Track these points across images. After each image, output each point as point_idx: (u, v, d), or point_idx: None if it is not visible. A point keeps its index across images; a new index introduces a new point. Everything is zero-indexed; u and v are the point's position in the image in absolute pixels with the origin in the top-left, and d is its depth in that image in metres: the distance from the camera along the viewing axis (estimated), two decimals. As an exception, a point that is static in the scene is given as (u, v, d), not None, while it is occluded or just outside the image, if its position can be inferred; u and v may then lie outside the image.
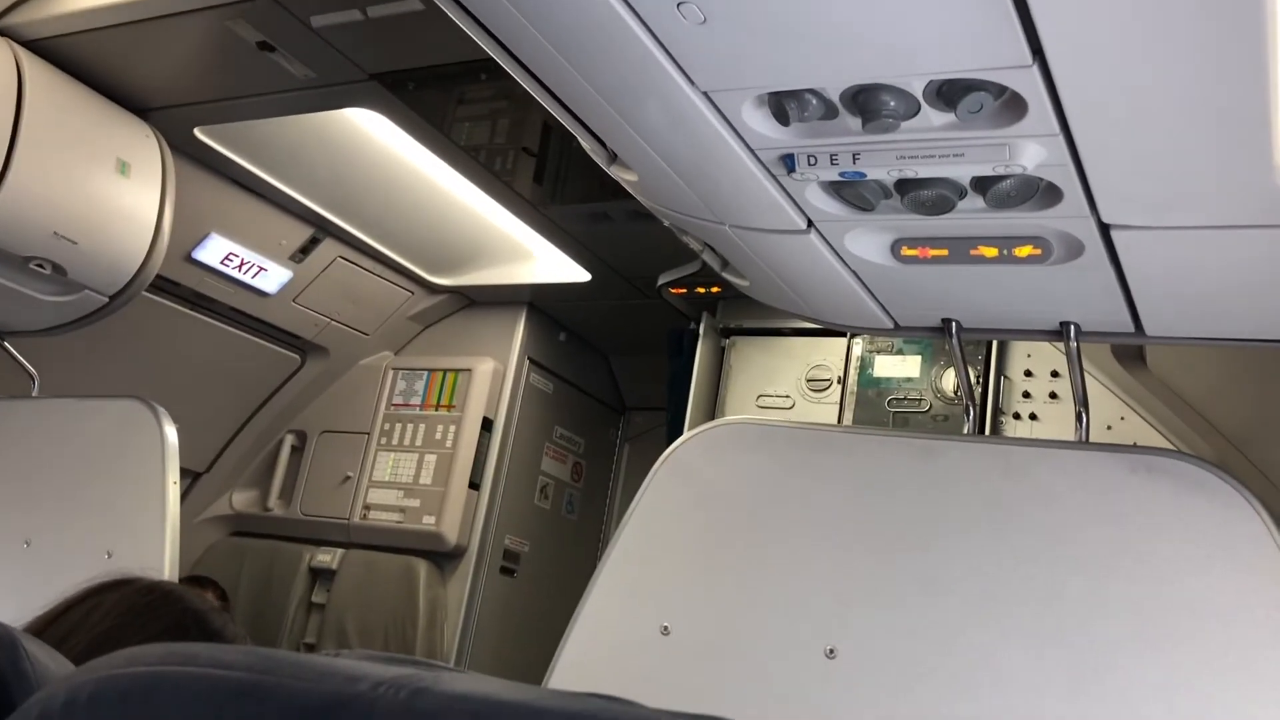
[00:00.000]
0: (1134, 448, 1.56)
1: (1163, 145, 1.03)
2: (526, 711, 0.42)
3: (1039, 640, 1.46)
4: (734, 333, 3.44)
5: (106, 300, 2.64)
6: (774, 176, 1.25)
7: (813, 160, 1.18)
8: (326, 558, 3.73)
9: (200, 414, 3.59)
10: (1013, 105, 1.02)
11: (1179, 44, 0.87)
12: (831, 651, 1.58)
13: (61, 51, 2.52)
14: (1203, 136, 1.00)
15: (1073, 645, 1.44)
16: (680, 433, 1.84)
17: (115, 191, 2.56)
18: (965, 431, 1.85)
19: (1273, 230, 1.15)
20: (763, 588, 1.68)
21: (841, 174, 1.19)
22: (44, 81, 2.48)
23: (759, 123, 1.13)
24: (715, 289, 3.38)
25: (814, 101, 1.08)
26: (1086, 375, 1.65)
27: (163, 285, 3.16)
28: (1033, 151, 1.09)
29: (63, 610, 1.12)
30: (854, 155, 1.16)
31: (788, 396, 3.27)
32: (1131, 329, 1.52)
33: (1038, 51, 0.92)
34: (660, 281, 3.35)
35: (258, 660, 0.50)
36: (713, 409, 3.34)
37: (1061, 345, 1.62)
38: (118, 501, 2.25)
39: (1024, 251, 1.33)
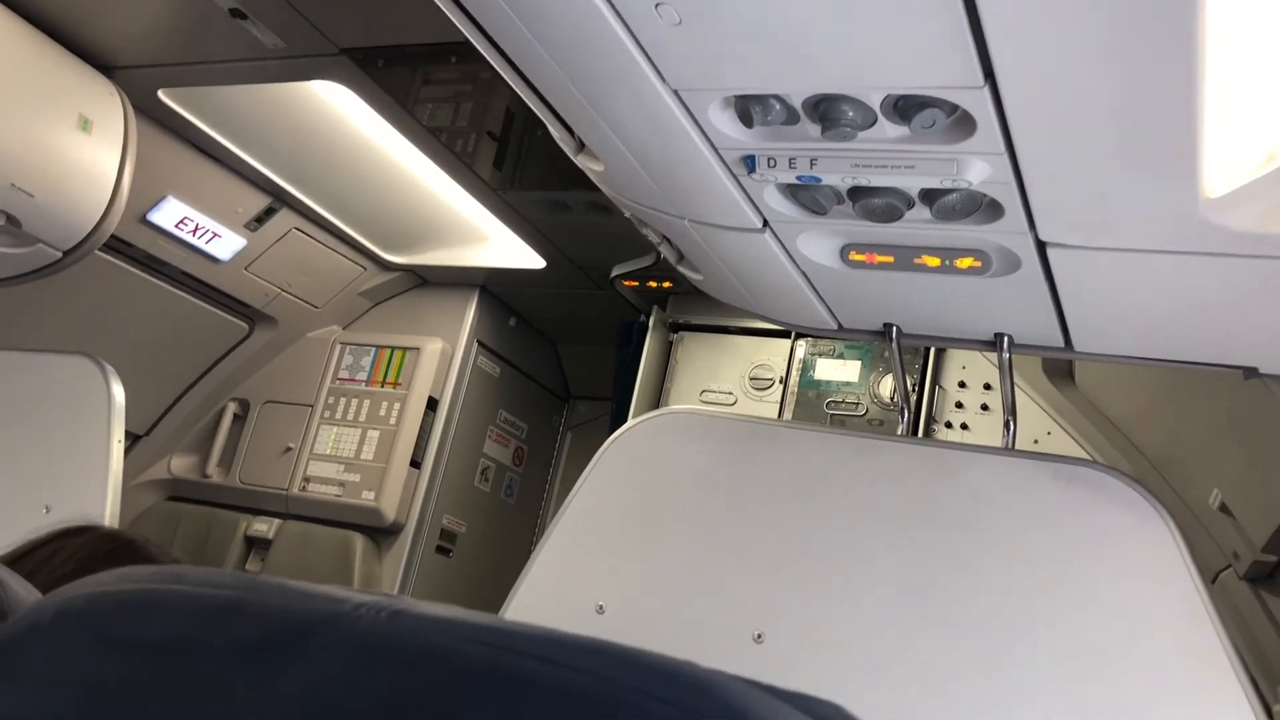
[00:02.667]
0: (1057, 456, 1.64)
1: (1099, 170, 1.10)
2: (499, 632, 0.47)
3: (956, 633, 1.53)
4: (682, 328, 3.51)
5: (60, 255, 2.63)
6: (735, 176, 1.30)
7: (772, 163, 1.23)
8: (263, 527, 3.73)
9: (144, 376, 3.57)
10: (963, 123, 1.08)
11: (1118, 76, 0.94)
12: (759, 636, 1.64)
13: (29, 3, 2.50)
14: (1136, 164, 1.07)
15: (987, 638, 1.51)
16: (624, 423, 1.89)
17: (75, 147, 2.56)
18: (899, 432, 1.92)
19: (1197, 257, 1.22)
20: (697, 572, 1.73)
21: (799, 177, 1.25)
22: (8, 32, 2.46)
23: (724, 123, 1.18)
24: (667, 284, 3.44)
25: (777, 107, 1.13)
26: (1017, 390, 1.73)
27: (115, 245, 3.14)
28: (979, 168, 1.15)
29: (26, 551, 1.14)
30: (811, 160, 1.22)
31: (730, 393, 3.34)
32: (1061, 344, 1.60)
33: (989, 74, 0.98)
34: (614, 273, 3.40)
35: (244, 581, 0.54)
36: (657, 401, 3.40)
37: (994, 356, 1.69)
38: (60, 457, 2.25)
39: (965, 263, 1.39)
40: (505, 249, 3.60)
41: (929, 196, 1.26)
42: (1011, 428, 1.70)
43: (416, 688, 0.46)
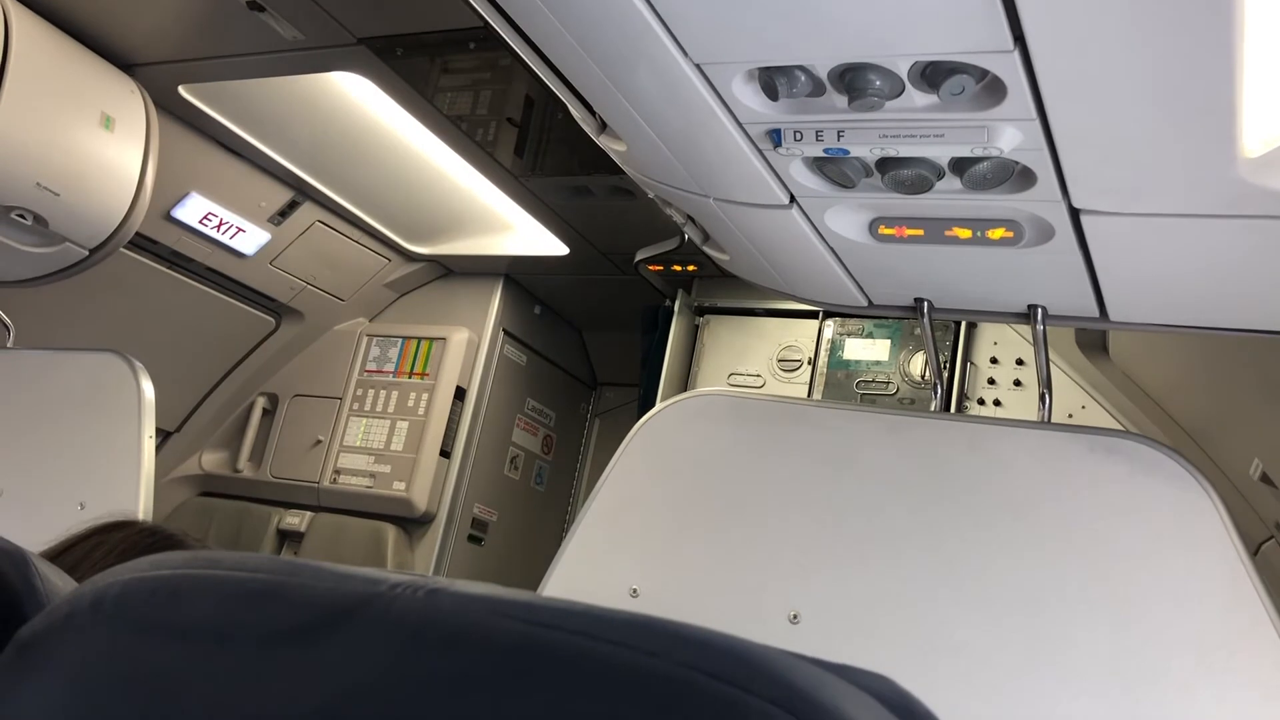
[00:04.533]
0: (1093, 429, 1.62)
1: (1134, 133, 1.07)
2: (539, 609, 0.46)
3: (995, 609, 1.51)
4: (708, 311, 3.49)
5: (86, 254, 2.65)
6: (760, 151, 1.29)
7: (799, 136, 1.22)
8: (295, 520, 3.75)
9: (173, 373, 3.60)
10: (993, 89, 1.06)
11: (1153, 36, 0.92)
12: (795, 617, 1.63)
13: (49, 2, 2.51)
14: (1172, 126, 1.05)
15: (1026, 614, 1.49)
16: (652, 408, 1.88)
17: (99, 145, 2.57)
18: (932, 409, 1.90)
19: (1235, 220, 1.20)
20: (731, 553, 1.72)
21: (826, 150, 1.23)
22: (31, 32, 2.47)
23: (748, 97, 1.17)
24: (691, 267, 3.42)
25: (802, 78, 1.12)
26: (1050, 364, 1.71)
27: (140, 243, 3.16)
28: (1010, 135, 1.13)
29: (66, 547, 1.14)
30: (839, 132, 1.20)
31: (759, 375, 3.33)
32: (1096, 314, 1.57)
33: (1019, 38, 0.96)
34: (638, 258, 3.39)
35: (281, 565, 0.53)
36: (684, 385, 3.39)
37: (1028, 330, 1.67)
38: (92, 454, 2.27)
39: (996, 234, 1.37)
40: (528, 236, 3.60)
41: (959, 166, 1.24)
42: (1048, 401, 1.68)
43: (455, 665, 0.45)
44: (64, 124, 2.51)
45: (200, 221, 3.29)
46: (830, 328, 3.19)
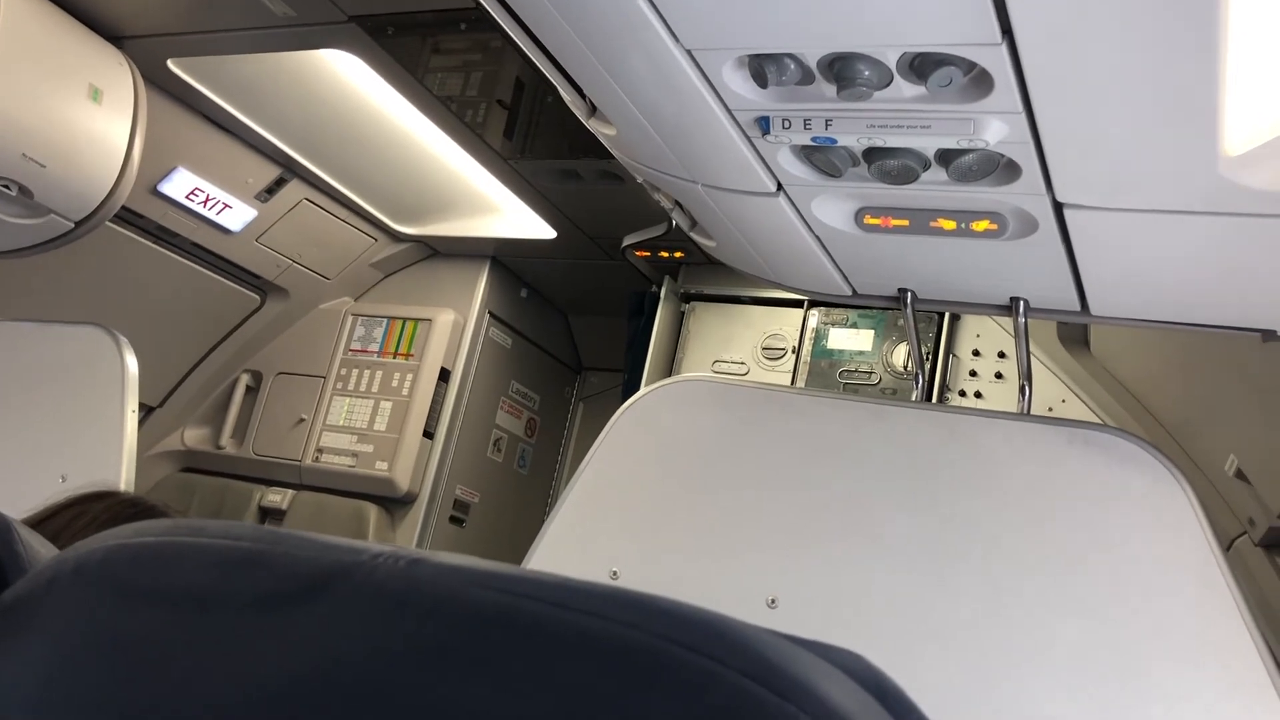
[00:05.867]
0: (1072, 421, 1.63)
1: (1117, 128, 1.08)
2: (519, 580, 0.47)
3: (971, 597, 1.53)
4: (694, 298, 3.50)
5: (72, 226, 2.63)
6: (749, 138, 1.29)
7: (787, 124, 1.22)
8: (277, 498, 3.75)
9: (157, 348, 3.58)
10: (980, 81, 1.07)
11: (1139, 31, 0.93)
12: (773, 601, 1.64)
13: (38, -27, 2.50)
14: (1156, 122, 1.06)
15: (1002, 602, 1.51)
16: (636, 393, 1.89)
17: (86, 118, 2.56)
18: (913, 399, 1.92)
19: (1216, 217, 1.21)
20: (711, 538, 1.74)
21: (814, 138, 1.24)
22: (20, 3, 2.45)
23: (738, 84, 1.17)
24: (678, 254, 3.43)
25: (792, 66, 1.12)
26: (1032, 357, 1.73)
27: (126, 216, 3.15)
28: (996, 127, 1.14)
29: (48, 515, 1.15)
30: (827, 121, 1.21)
31: (743, 363, 3.34)
32: (1078, 308, 1.59)
33: (1007, 31, 0.97)
34: (625, 243, 3.39)
35: (264, 533, 0.54)
36: (669, 371, 3.40)
37: (1010, 323, 1.68)
38: (74, 427, 2.27)
39: (981, 226, 1.38)
40: (516, 219, 3.59)
41: (945, 157, 1.25)
42: (1028, 393, 1.70)
43: (435, 635, 0.46)
44: (51, 96, 2.50)
45: (187, 196, 3.27)
46: (815, 317, 3.21)
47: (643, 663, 0.43)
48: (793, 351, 3.25)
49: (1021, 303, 1.62)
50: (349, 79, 2.84)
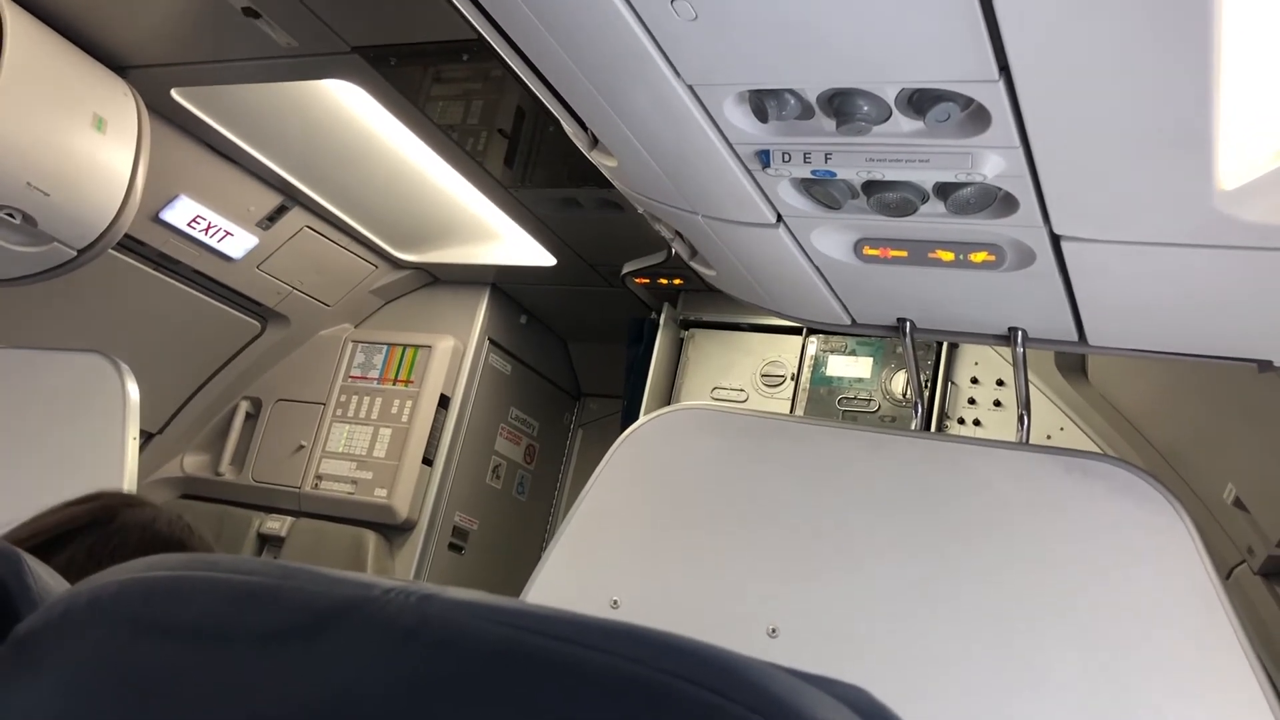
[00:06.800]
0: (1071, 450, 1.64)
1: (1113, 162, 1.10)
2: (527, 615, 0.48)
3: (972, 626, 1.53)
4: (693, 325, 3.51)
5: (75, 254, 2.65)
6: (749, 171, 1.31)
7: (787, 157, 1.24)
8: (276, 525, 3.74)
9: (157, 375, 3.59)
10: (978, 117, 1.09)
11: (1134, 68, 0.94)
12: (774, 631, 1.64)
13: (44, 3, 2.52)
14: (1151, 156, 1.07)
15: (1001, 631, 1.52)
16: (635, 420, 1.90)
17: (90, 147, 2.57)
18: (913, 428, 1.92)
19: (1211, 250, 1.22)
20: (711, 568, 1.74)
21: (813, 172, 1.26)
22: (25, 32, 2.48)
23: (739, 118, 1.19)
24: (678, 281, 3.44)
25: (792, 101, 1.14)
26: (1030, 386, 1.74)
27: (128, 244, 3.15)
28: (993, 162, 1.16)
29: (80, 525, 1.16)
30: (826, 155, 1.22)
31: (742, 390, 3.35)
32: (1075, 338, 1.60)
33: (1004, 68, 0.99)
34: (625, 270, 3.41)
35: (276, 568, 0.54)
36: (669, 398, 3.40)
37: (1008, 351, 1.69)
38: (76, 453, 2.27)
39: (979, 257, 1.40)
40: (516, 247, 3.61)
41: (943, 190, 1.26)
42: (1026, 422, 1.71)
43: (444, 668, 0.47)
44: (56, 124, 2.52)
45: (189, 224, 3.28)
46: (814, 344, 3.22)
47: (649, 698, 0.44)
48: (792, 379, 3.26)
49: (1020, 333, 1.63)
50: (350, 107, 2.86)
